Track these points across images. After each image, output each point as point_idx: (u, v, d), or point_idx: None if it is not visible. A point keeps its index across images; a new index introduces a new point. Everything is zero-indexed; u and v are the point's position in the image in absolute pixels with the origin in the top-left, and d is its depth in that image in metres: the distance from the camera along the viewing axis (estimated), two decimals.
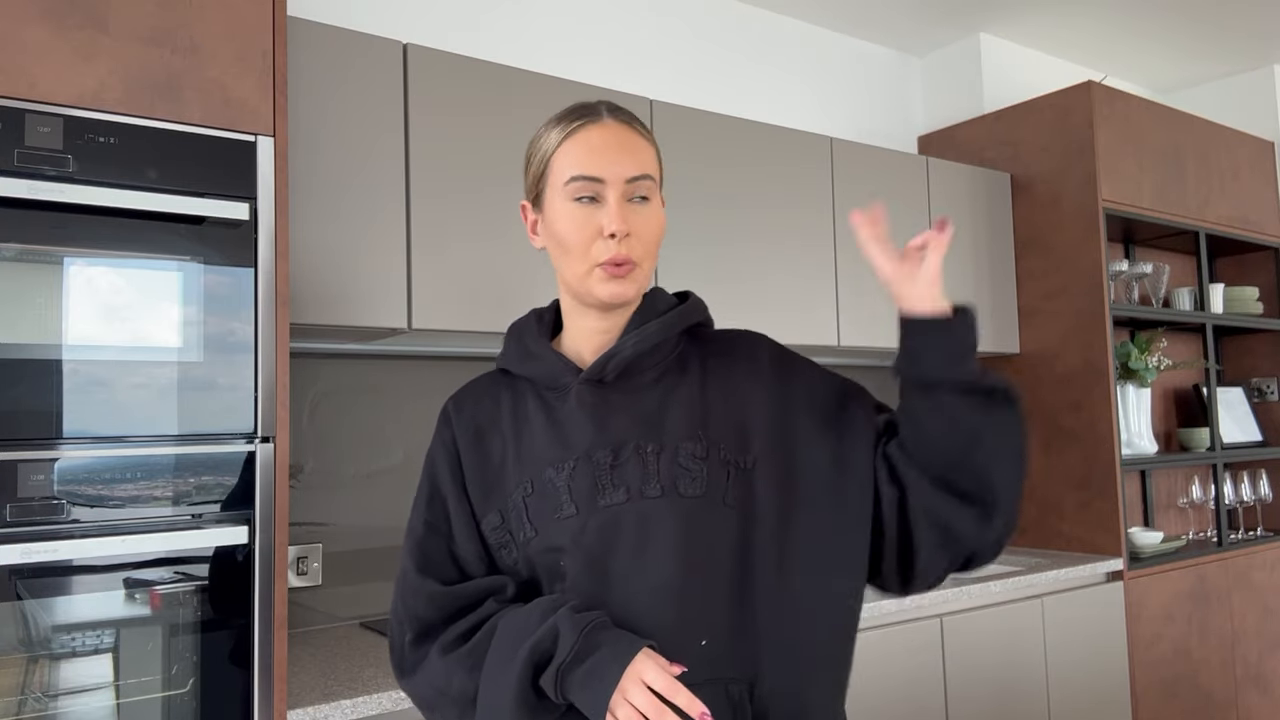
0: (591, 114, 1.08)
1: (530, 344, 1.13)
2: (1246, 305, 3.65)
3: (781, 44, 3.25)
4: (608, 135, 1.07)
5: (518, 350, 1.14)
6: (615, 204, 1.04)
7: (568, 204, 1.06)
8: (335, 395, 2.27)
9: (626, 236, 1.04)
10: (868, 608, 2.29)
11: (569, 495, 1.03)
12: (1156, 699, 2.99)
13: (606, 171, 1.05)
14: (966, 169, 3.16)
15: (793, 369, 1.12)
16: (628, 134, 1.08)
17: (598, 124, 1.07)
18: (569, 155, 1.06)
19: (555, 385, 1.10)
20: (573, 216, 1.06)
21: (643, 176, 1.06)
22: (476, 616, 1.05)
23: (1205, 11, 3.39)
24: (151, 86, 1.53)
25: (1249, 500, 3.54)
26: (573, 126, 1.08)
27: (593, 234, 1.05)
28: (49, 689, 1.40)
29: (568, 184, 1.06)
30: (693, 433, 1.05)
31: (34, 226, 1.42)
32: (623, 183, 1.05)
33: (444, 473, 1.11)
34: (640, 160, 1.07)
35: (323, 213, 1.92)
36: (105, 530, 1.45)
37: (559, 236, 1.07)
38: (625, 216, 1.04)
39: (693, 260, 2.47)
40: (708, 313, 1.17)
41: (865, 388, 1.12)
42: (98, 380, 1.46)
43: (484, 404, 1.14)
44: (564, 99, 2.28)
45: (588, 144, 1.06)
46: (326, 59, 1.95)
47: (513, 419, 1.11)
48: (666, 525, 0.99)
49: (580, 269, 1.06)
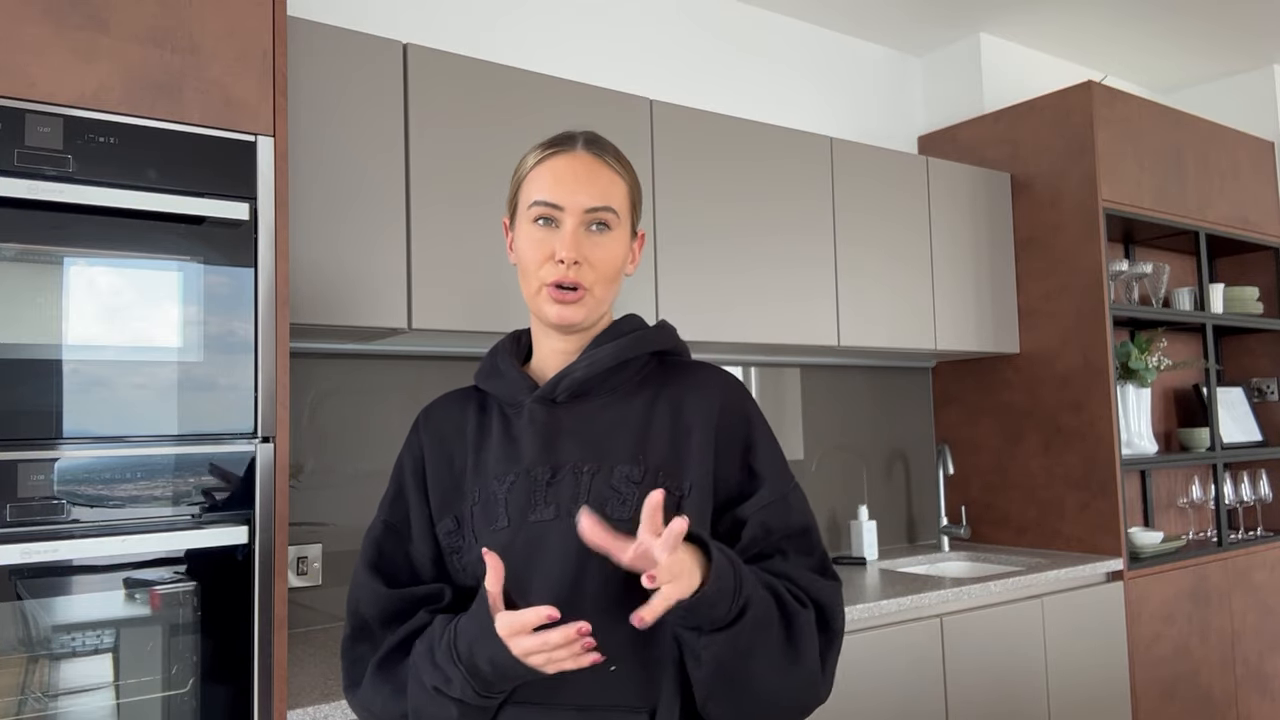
0: (567, 144, 1.14)
1: (500, 362, 1.19)
2: (1246, 305, 3.65)
3: (781, 44, 3.25)
4: (576, 165, 1.12)
5: (489, 367, 1.20)
6: (570, 231, 1.10)
7: (529, 225, 1.13)
8: (335, 395, 2.27)
9: (576, 264, 1.10)
10: (868, 607, 2.29)
11: (504, 508, 1.08)
12: (1156, 699, 2.99)
13: (566, 199, 1.11)
14: (966, 169, 3.16)
15: (741, 428, 1.14)
16: (596, 166, 1.13)
17: (569, 154, 1.13)
18: (537, 180, 1.13)
19: (513, 402, 1.15)
20: (531, 238, 1.12)
21: (603, 208, 1.11)
22: (405, 630, 1.10)
23: (1205, 11, 3.39)
24: (151, 86, 1.53)
25: (1249, 500, 3.54)
26: (546, 153, 1.14)
27: (545, 256, 1.11)
28: (49, 689, 1.40)
29: (530, 207, 1.12)
30: (632, 456, 1.08)
31: (34, 226, 1.42)
32: (581, 211, 1.11)
33: (409, 477, 1.17)
34: (603, 192, 1.12)
35: (323, 213, 1.92)
36: (105, 530, 1.45)
37: (519, 255, 1.14)
38: (578, 244, 1.10)
39: (693, 261, 2.47)
40: (676, 341, 1.20)
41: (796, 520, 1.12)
42: (98, 380, 1.46)
43: (453, 415, 1.20)
44: (564, 99, 2.29)
45: (554, 172, 1.12)
46: (326, 59, 1.95)
47: (477, 432, 1.16)
48: (584, 546, 0.98)
49: (531, 288, 1.13)
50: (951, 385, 3.45)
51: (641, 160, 2.40)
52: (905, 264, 2.95)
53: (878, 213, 2.89)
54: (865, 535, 2.98)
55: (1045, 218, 3.19)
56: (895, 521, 3.34)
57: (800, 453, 3.11)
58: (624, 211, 1.15)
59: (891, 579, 2.64)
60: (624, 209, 1.15)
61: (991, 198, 3.23)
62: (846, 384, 3.26)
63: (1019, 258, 3.26)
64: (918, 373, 3.47)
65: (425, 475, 1.16)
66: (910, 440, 3.42)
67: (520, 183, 1.16)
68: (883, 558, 3.05)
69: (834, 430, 3.20)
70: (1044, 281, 3.19)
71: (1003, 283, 3.23)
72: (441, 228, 2.07)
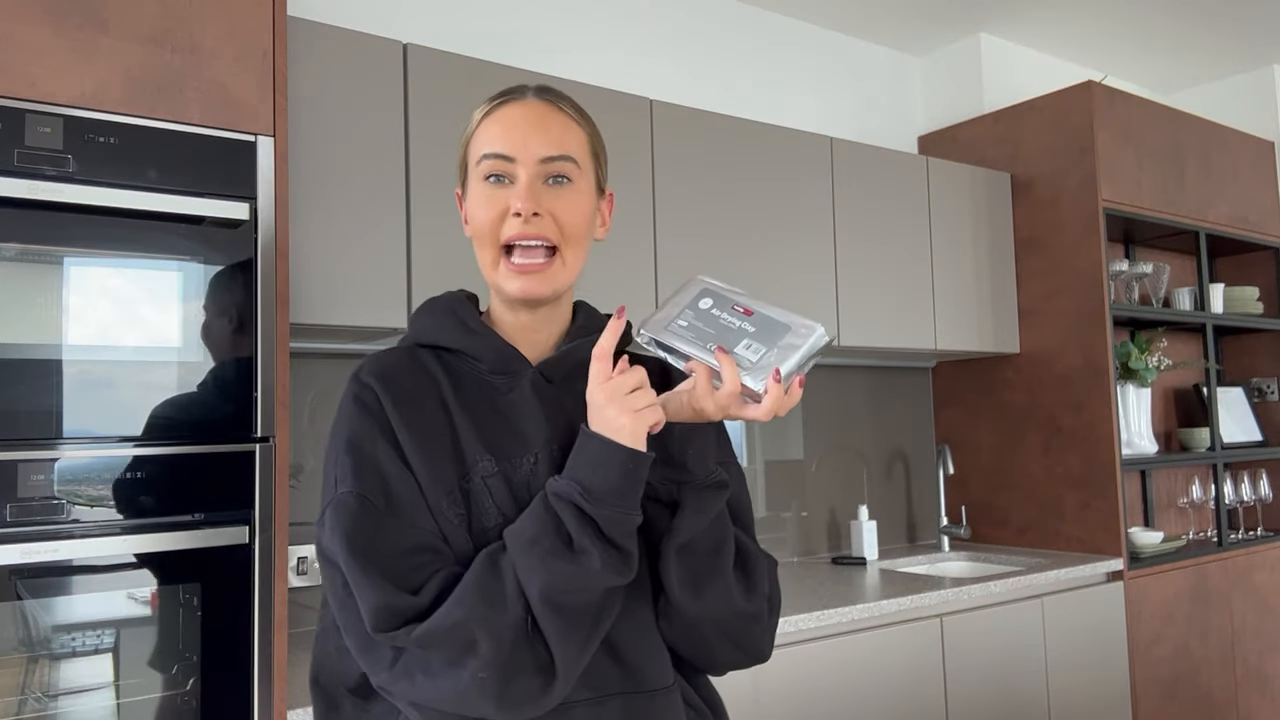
0: (516, 93, 1.02)
1: (469, 321, 1.04)
2: (1246, 305, 3.65)
3: (781, 44, 3.25)
4: (526, 112, 1.00)
5: (452, 324, 1.04)
6: (524, 182, 0.97)
7: (480, 185, 1.00)
8: (335, 395, 2.27)
9: (536, 216, 0.97)
10: (868, 607, 2.29)
11: (528, 492, 0.97)
12: (1156, 699, 2.99)
13: (518, 149, 0.98)
14: (966, 169, 3.16)
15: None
16: (550, 112, 1.01)
17: (518, 102, 1.01)
18: (485, 133, 1.01)
19: (504, 370, 1.02)
20: (482, 197, 0.99)
21: (561, 157, 0.99)
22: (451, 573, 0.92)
23: (1205, 11, 3.39)
24: (151, 86, 1.53)
25: (1249, 500, 3.54)
26: (494, 105, 1.02)
27: (500, 213, 0.98)
28: (49, 689, 1.40)
29: (479, 163, 1.00)
30: None
31: (34, 226, 1.42)
32: (535, 161, 0.98)
33: (377, 442, 0.95)
34: (559, 140, 1.00)
35: (323, 213, 1.92)
36: (105, 530, 1.44)
37: (473, 221, 1.01)
38: (535, 196, 0.97)
39: (693, 260, 2.47)
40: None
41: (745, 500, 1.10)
42: (98, 380, 1.46)
43: (418, 374, 1.01)
44: None
45: (503, 121, 1.00)
46: (326, 59, 1.95)
47: (456, 393, 1.00)
48: None
49: (488, 256, 1.00)
50: (951, 385, 3.45)
51: (642, 160, 2.40)
52: (905, 264, 2.95)
53: (878, 213, 2.89)
54: (865, 535, 2.98)
55: (1045, 218, 3.19)
56: (895, 521, 3.34)
57: (800, 453, 3.11)
58: (585, 162, 1.02)
59: (891, 579, 2.64)
60: (584, 159, 1.02)
61: (991, 198, 3.23)
62: (846, 384, 3.26)
63: (1019, 258, 3.26)
64: (918, 373, 3.47)
65: (398, 440, 0.96)
66: (910, 440, 3.42)
67: (468, 142, 1.04)
68: (883, 558, 3.05)
69: (834, 430, 3.20)
70: (1044, 281, 3.19)
71: (1003, 283, 3.23)
72: (441, 228, 2.07)
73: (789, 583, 2.60)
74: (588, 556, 0.88)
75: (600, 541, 0.89)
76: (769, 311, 0.96)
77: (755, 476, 3.01)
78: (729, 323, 0.96)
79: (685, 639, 1.01)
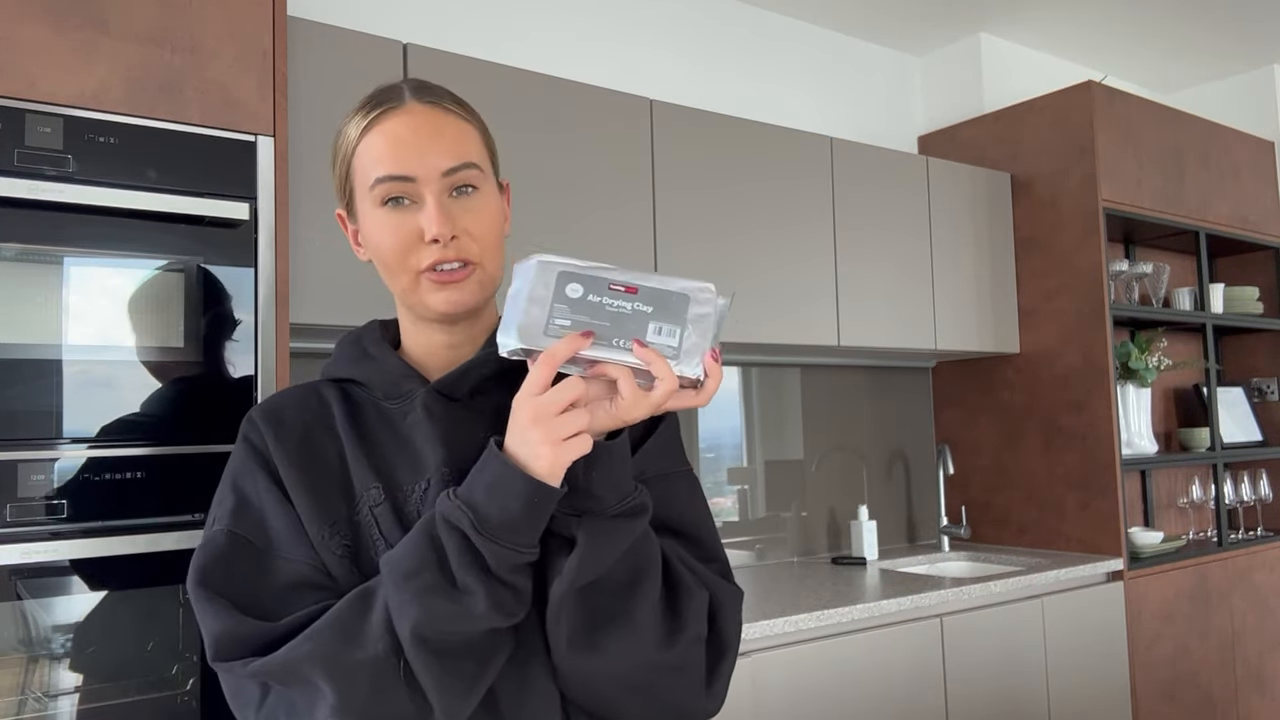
0: (393, 99, 0.92)
1: (370, 347, 0.98)
2: (1246, 305, 3.65)
3: (781, 44, 3.25)
4: (415, 122, 0.91)
5: (353, 354, 0.98)
6: (434, 204, 0.89)
7: (378, 211, 0.91)
8: None
9: (454, 239, 0.89)
10: (868, 607, 2.29)
11: (419, 516, 0.89)
12: (1156, 699, 2.99)
13: (416, 167, 0.89)
14: (966, 169, 3.16)
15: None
16: (438, 117, 0.92)
17: (400, 111, 0.91)
18: (371, 152, 0.91)
19: (397, 394, 0.94)
20: (385, 224, 0.90)
21: (463, 166, 0.91)
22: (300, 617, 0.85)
23: (1205, 11, 3.39)
24: (151, 86, 1.53)
25: (1249, 500, 3.54)
26: (371, 117, 0.91)
27: (411, 240, 0.90)
28: (49, 689, 1.40)
29: (374, 188, 0.90)
30: None
31: (34, 226, 1.42)
32: (438, 176, 0.89)
33: (259, 480, 0.91)
34: (458, 147, 0.91)
35: (323, 213, 1.92)
36: (105, 530, 1.45)
37: (376, 249, 0.92)
38: (448, 216, 0.89)
39: (692, 260, 2.47)
40: None
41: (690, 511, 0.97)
42: (98, 380, 1.46)
43: (309, 407, 0.96)
44: (564, 99, 2.29)
45: (391, 136, 0.90)
46: (326, 59, 1.95)
47: (349, 422, 0.94)
48: None
49: (404, 281, 0.91)
50: (951, 385, 3.45)
51: (641, 160, 2.40)
52: (905, 264, 2.95)
53: (878, 212, 2.89)
54: (865, 535, 2.99)
55: (1045, 218, 3.19)
56: (895, 521, 3.34)
57: (800, 453, 3.11)
58: (484, 163, 0.95)
59: (891, 579, 2.65)
60: (483, 159, 0.94)
61: (991, 197, 3.23)
62: (846, 384, 3.26)
63: (1019, 258, 3.26)
64: (918, 373, 3.47)
65: (280, 478, 0.91)
66: (910, 440, 3.42)
67: (348, 162, 0.93)
68: (883, 558, 3.05)
69: (834, 430, 3.20)
70: (1044, 281, 3.19)
71: (1003, 282, 3.23)
72: None
73: (789, 583, 2.61)
74: (472, 597, 0.79)
75: (487, 579, 0.79)
76: (652, 283, 0.82)
77: (755, 476, 3.01)
78: (619, 308, 0.82)
79: (585, 698, 0.88)
